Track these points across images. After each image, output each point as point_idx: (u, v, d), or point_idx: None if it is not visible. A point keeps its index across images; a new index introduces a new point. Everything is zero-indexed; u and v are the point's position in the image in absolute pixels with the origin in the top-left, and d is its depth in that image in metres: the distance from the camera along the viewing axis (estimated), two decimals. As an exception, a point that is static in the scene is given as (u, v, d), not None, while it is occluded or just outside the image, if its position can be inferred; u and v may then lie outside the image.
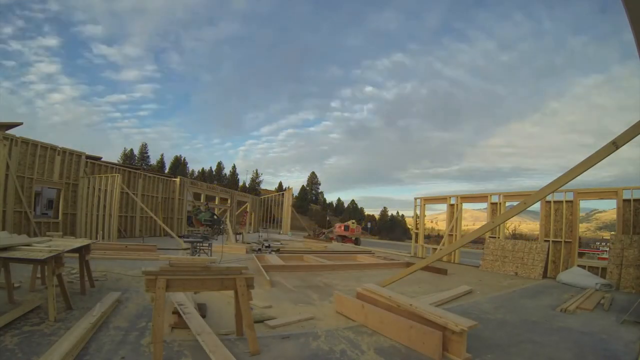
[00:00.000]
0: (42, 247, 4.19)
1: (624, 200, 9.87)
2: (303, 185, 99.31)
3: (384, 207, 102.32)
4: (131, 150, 73.99)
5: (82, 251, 5.26)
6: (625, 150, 4.53)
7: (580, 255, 13.78)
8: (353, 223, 28.97)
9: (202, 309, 4.30)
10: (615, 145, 4.42)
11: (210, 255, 8.09)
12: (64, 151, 12.91)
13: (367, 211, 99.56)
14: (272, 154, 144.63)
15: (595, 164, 4.57)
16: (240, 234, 18.01)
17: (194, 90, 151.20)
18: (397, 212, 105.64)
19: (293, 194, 42.62)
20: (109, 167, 15.73)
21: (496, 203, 13.06)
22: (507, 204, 12.79)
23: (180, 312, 3.80)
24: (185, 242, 10.47)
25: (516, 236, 34.82)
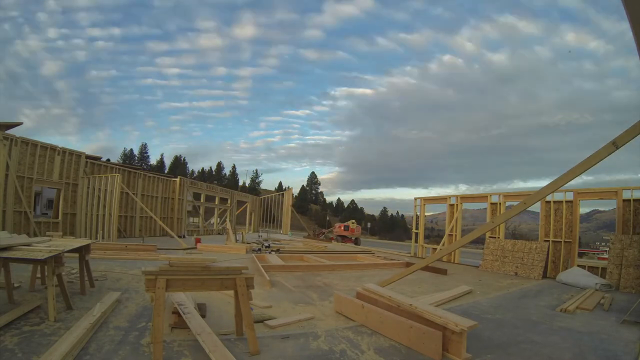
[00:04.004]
0: (42, 247, 4.19)
1: (624, 200, 9.86)
2: (303, 186, 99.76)
3: (384, 207, 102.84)
4: (131, 150, 74.23)
5: (82, 251, 5.27)
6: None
7: (580, 255, 13.82)
8: (353, 223, 28.92)
9: (202, 309, 4.30)
10: (615, 145, 4.41)
11: None
12: (63, 151, 12.90)
13: (367, 211, 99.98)
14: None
15: (595, 164, 4.56)
16: (240, 234, 18.01)
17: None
18: (397, 212, 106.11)
19: (293, 194, 42.60)
20: (109, 167, 15.74)
21: (496, 203, 13.07)
22: (507, 203, 12.79)
23: (180, 312, 3.80)
24: None
25: (516, 236, 34.79)
